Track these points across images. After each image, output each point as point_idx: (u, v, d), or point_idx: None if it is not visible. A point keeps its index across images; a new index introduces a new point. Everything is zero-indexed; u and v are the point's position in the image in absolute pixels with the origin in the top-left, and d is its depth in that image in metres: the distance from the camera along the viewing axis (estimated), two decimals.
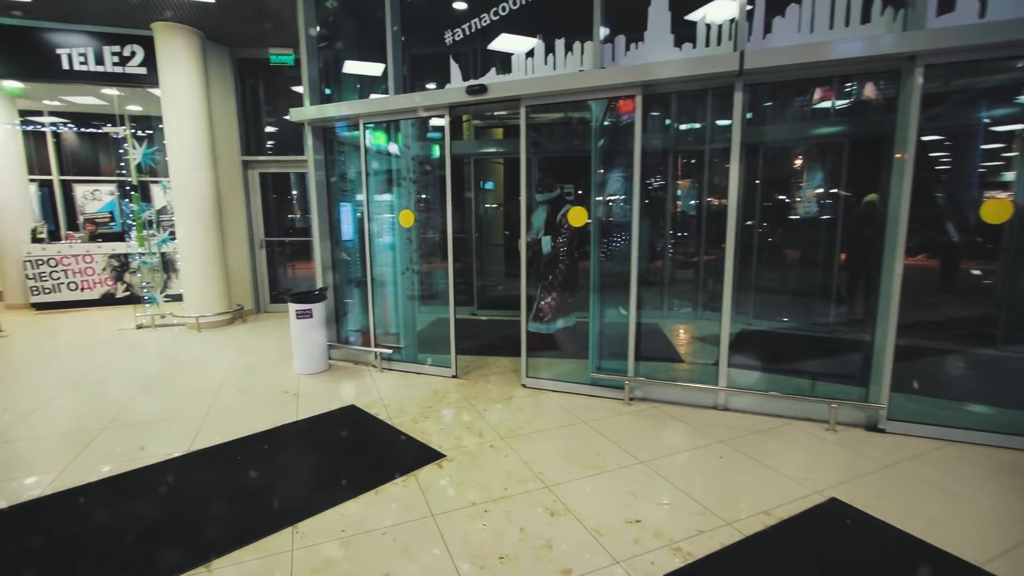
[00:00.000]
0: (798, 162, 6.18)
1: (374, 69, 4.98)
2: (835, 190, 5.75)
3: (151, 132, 6.45)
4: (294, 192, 8.00)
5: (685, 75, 3.22)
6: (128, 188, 6.36)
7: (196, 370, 4.62)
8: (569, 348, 4.73)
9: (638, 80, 3.34)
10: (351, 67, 5.08)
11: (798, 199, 6.26)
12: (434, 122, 5.66)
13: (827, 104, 5.45)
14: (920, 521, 2.28)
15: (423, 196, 5.74)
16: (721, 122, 6.13)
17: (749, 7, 3.13)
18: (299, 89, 6.71)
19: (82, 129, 6.83)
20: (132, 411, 3.62)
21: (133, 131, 6.33)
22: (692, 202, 6.55)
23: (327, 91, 4.89)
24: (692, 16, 3.38)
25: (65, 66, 5.87)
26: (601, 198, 4.52)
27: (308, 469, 2.78)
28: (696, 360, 4.71)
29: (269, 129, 7.19)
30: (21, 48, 5.76)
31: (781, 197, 6.35)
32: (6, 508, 2.41)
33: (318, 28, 4.69)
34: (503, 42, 4.10)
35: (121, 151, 6.32)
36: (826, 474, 2.71)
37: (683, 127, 6.24)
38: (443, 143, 4.15)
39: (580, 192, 7.01)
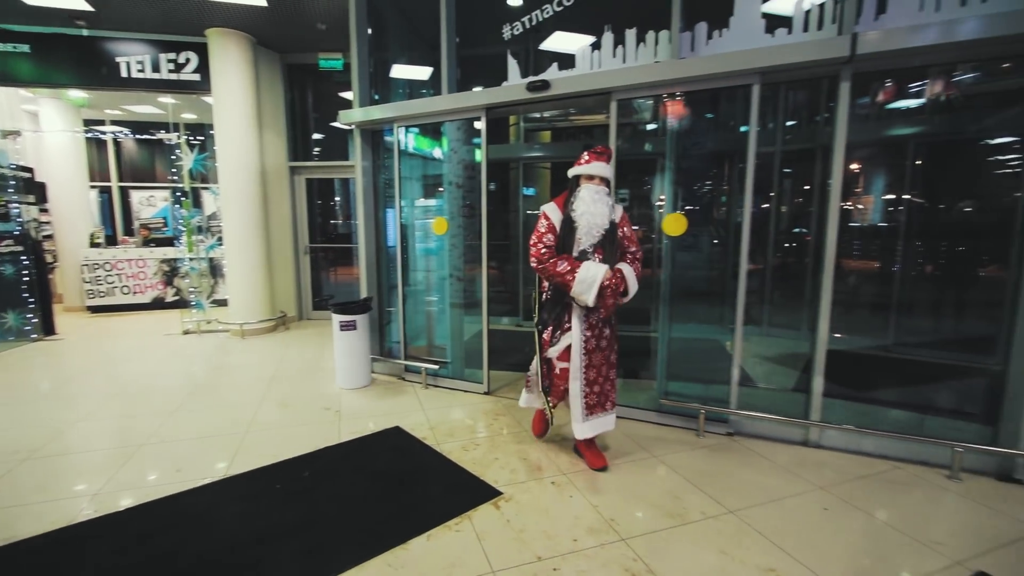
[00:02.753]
0: (858, 166, 5.61)
1: (422, 73, 4.79)
2: (908, 196, 5.17)
3: (203, 139, 6.48)
4: (337, 198, 7.94)
5: (798, 61, 2.76)
6: (180, 194, 6.40)
7: (239, 381, 4.49)
8: (630, 368, 4.34)
9: (755, 67, 2.87)
10: (400, 71, 4.90)
11: (861, 205, 5.67)
12: (480, 125, 5.43)
13: (912, 102, 4.88)
14: None
15: (467, 202, 5.52)
16: (790, 122, 5.65)
17: None
18: (346, 95, 6.66)
19: (140, 136, 6.99)
20: (173, 425, 3.47)
21: (187, 137, 6.37)
22: (749, 208, 6.05)
23: (375, 96, 4.71)
24: (782, 5, 2.97)
25: (124, 74, 5.96)
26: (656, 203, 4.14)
27: (351, 504, 2.51)
28: (772, 386, 4.24)
29: (316, 135, 7.14)
30: (85, 57, 5.88)
31: (850, 205, 5.79)
32: (23, 540, 2.25)
33: (370, 31, 4.51)
34: (559, 40, 3.81)
35: (174, 157, 6.37)
36: (962, 539, 2.23)
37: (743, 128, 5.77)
38: (483, 145, 3.88)
39: (625, 200, 6.62)
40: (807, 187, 6.08)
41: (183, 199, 6.36)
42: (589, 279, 2.54)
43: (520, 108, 4.29)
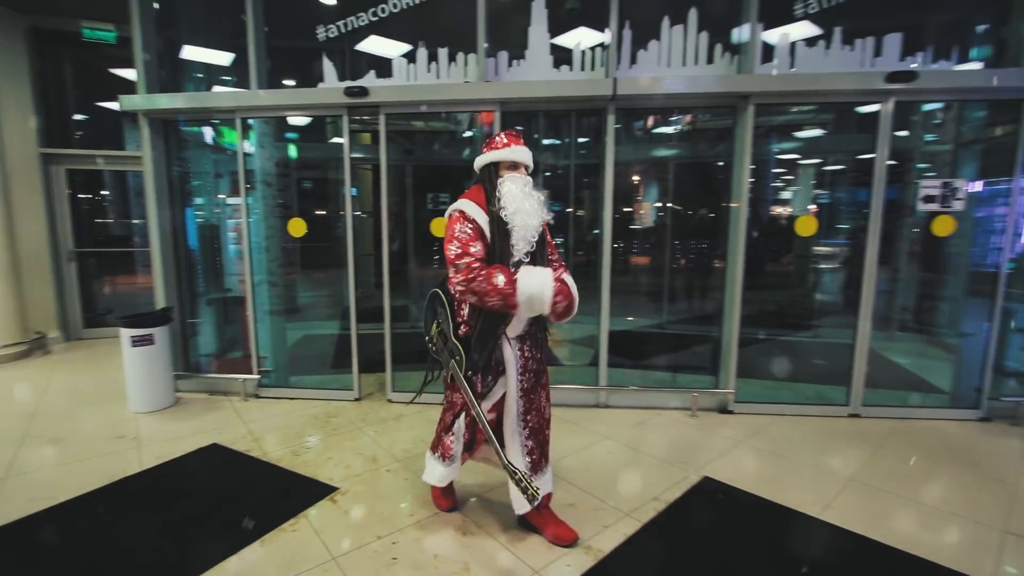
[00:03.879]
0: (636, 179, 6.97)
1: (222, 58, 4.42)
2: (671, 204, 6.63)
3: None
4: (104, 192, 6.68)
5: (560, 95, 3.41)
6: None
7: None
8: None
9: (494, 97, 3.45)
10: (196, 54, 4.43)
11: (641, 211, 7.05)
12: (293, 121, 5.24)
13: (670, 129, 6.24)
14: (773, 487, 2.68)
15: (280, 201, 5.25)
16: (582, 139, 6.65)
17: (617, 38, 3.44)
18: (122, 73, 5.69)
19: None
20: None
21: None
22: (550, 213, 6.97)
23: (163, 79, 4.19)
24: (566, 39, 3.60)
25: None
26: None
27: (166, 531, 2.32)
28: (573, 363, 5.01)
29: (77, 116, 5.94)
30: None
31: (626, 209, 7.12)
32: None
33: (156, 4, 3.99)
34: (375, 44, 3.95)
35: None
36: (696, 456, 3.06)
37: (546, 142, 6.63)
38: (345, 144, 3.83)
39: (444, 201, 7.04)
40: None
41: None
42: (537, 289, 1.89)
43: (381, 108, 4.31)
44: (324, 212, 7.24)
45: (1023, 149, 3.32)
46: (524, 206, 2.00)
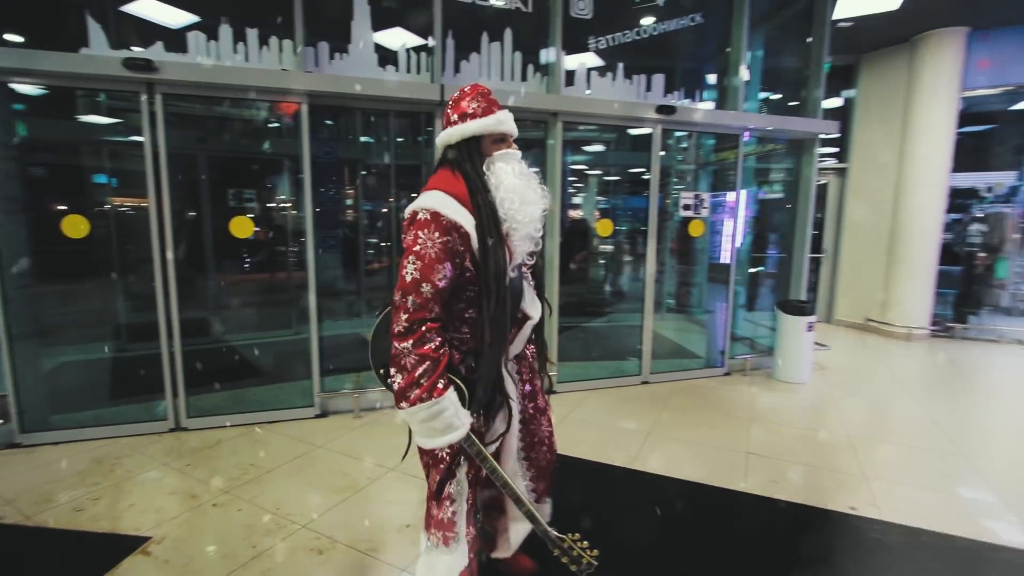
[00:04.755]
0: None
1: None
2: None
3: None
4: None
5: (389, 95, 3.40)
6: None
7: None
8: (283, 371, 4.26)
9: (302, 89, 3.28)
10: None
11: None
12: (22, 89, 4.13)
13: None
14: (594, 449, 3.16)
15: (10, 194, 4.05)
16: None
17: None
18: None
19: None
20: None
21: None
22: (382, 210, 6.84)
23: None
24: (388, 39, 3.60)
25: None
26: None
27: None
28: None
29: None
30: None
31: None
32: None
33: None
34: (150, 9, 3.40)
35: None
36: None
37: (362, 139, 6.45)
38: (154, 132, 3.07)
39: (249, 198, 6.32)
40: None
41: None
42: (441, 425, 1.38)
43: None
44: (65, 207, 5.78)
45: (741, 170, 4.50)
46: (527, 196, 1.52)
